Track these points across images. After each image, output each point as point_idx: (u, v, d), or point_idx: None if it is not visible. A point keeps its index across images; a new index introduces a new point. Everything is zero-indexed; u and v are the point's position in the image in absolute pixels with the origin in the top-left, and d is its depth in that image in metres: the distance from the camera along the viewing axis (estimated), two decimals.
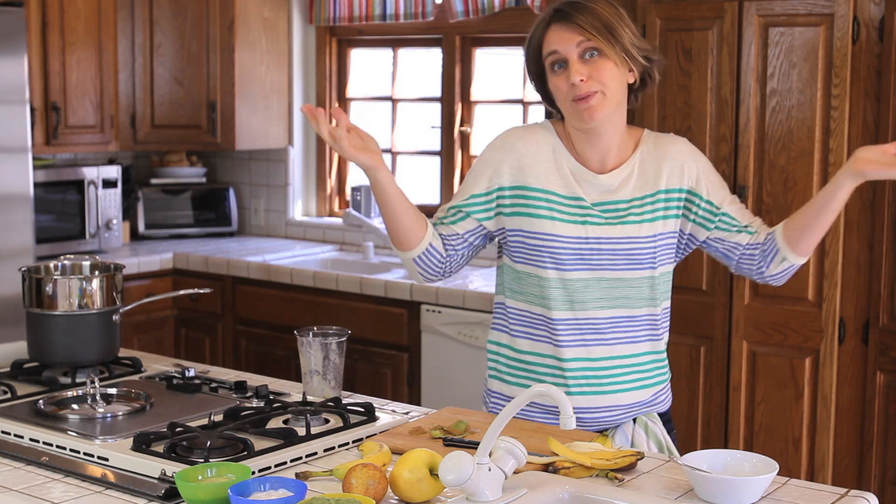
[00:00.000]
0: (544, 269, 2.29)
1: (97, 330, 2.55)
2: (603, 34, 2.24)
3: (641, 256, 2.29)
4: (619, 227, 2.28)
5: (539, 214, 2.30)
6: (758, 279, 2.38)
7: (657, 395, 2.37)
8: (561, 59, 2.27)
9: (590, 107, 2.24)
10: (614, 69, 2.25)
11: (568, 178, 2.32)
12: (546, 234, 2.29)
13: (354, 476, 1.79)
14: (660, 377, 2.37)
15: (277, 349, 4.62)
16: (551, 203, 2.30)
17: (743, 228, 2.34)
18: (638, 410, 2.34)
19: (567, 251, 2.28)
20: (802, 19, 3.41)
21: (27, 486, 1.91)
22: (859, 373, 3.44)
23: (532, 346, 2.34)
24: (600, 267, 2.28)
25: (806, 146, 3.43)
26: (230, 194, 5.46)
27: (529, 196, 2.31)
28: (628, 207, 2.30)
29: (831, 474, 3.47)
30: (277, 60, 5.25)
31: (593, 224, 2.29)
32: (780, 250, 2.31)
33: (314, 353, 2.37)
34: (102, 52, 4.85)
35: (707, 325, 3.60)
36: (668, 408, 2.41)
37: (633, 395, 2.32)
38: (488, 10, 4.64)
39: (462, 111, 4.93)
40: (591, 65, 2.24)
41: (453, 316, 4.09)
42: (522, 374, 2.36)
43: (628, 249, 2.28)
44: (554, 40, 2.29)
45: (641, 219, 2.29)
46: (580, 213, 2.29)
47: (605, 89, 2.24)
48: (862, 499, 1.87)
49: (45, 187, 4.69)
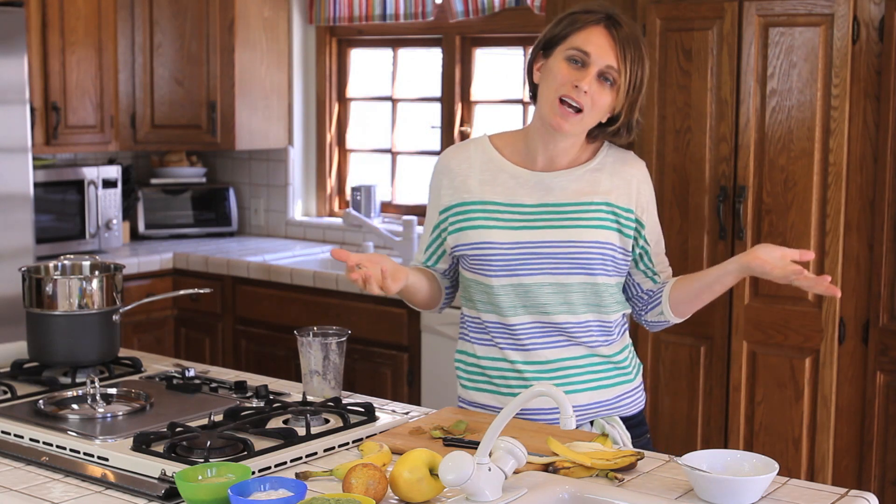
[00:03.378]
0: (487, 277, 2.31)
1: (97, 330, 2.55)
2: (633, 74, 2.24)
3: (582, 261, 2.28)
4: (561, 231, 2.28)
5: (476, 225, 2.32)
6: (635, 318, 2.44)
7: (620, 398, 2.36)
8: (585, 61, 2.23)
9: (568, 115, 2.24)
10: (610, 104, 2.26)
11: (507, 185, 2.33)
12: (484, 243, 2.30)
13: (354, 476, 1.79)
14: (620, 379, 2.37)
15: (277, 349, 4.62)
16: (488, 212, 2.32)
17: (653, 275, 2.38)
18: (596, 413, 2.34)
19: (506, 257, 2.28)
20: (802, 19, 3.41)
21: (27, 486, 1.91)
22: (859, 373, 3.44)
23: (487, 352, 2.36)
24: (541, 271, 2.28)
25: (806, 146, 3.43)
26: (230, 194, 5.46)
27: (468, 210, 2.34)
28: (571, 211, 2.29)
29: (831, 474, 3.47)
30: (277, 60, 5.25)
31: (533, 228, 2.29)
32: (661, 304, 2.37)
33: (314, 353, 2.37)
34: (102, 52, 4.85)
35: (707, 325, 3.60)
36: (636, 412, 2.41)
37: (588, 395, 2.32)
38: (488, 10, 4.64)
39: (462, 111, 4.93)
40: (600, 87, 2.24)
41: (453, 316, 4.09)
42: (481, 380, 2.39)
43: (569, 253, 2.27)
44: (596, 40, 2.23)
45: (584, 224, 2.29)
46: (519, 220, 2.30)
47: (589, 114, 2.25)
48: (862, 499, 1.87)
49: (45, 187, 4.69)
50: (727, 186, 3.55)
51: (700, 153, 3.59)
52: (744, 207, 3.52)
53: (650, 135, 3.67)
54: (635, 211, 2.33)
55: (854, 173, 3.39)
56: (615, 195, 2.31)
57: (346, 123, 5.38)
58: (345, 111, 5.38)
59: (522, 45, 4.80)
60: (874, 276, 3.38)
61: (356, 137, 5.39)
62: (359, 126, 5.39)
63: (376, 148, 5.32)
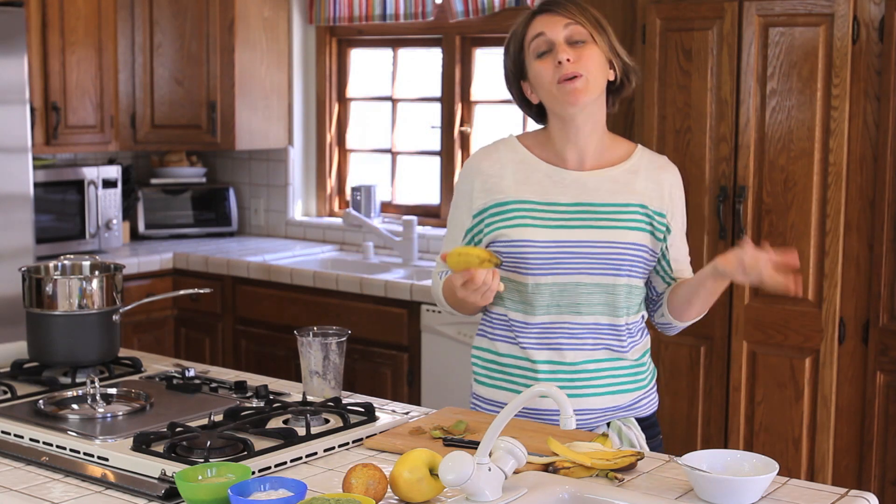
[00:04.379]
0: (523, 275, 2.30)
1: (97, 330, 2.55)
2: (591, 22, 2.28)
3: (617, 262, 2.28)
4: (598, 231, 2.28)
5: (514, 224, 2.31)
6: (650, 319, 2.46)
7: (636, 401, 2.37)
8: (547, 42, 2.27)
9: (575, 88, 2.25)
10: (599, 58, 2.28)
11: (542, 183, 2.33)
12: (520, 241, 2.29)
13: (354, 476, 1.79)
14: (639, 383, 2.37)
15: (277, 349, 4.62)
16: (524, 211, 2.31)
17: (669, 279, 2.38)
18: (613, 415, 2.34)
19: (542, 256, 2.28)
20: (802, 19, 3.41)
21: (27, 486, 1.91)
22: (859, 373, 3.44)
23: (509, 349, 2.36)
24: (578, 271, 2.28)
25: (806, 146, 3.43)
26: (230, 194, 5.46)
27: (504, 210, 2.33)
28: (607, 212, 2.30)
29: (831, 474, 3.47)
30: (277, 60, 5.25)
31: (570, 228, 2.29)
32: (663, 306, 2.39)
33: (314, 353, 2.37)
34: (102, 52, 4.85)
35: (707, 325, 3.60)
36: (650, 413, 2.41)
37: (607, 399, 2.32)
38: (488, 10, 4.64)
39: (462, 111, 4.93)
40: (577, 50, 2.27)
41: (453, 316, 4.09)
42: (500, 377, 2.38)
43: (606, 254, 2.27)
44: (540, 25, 2.30)
45: (620, 225, 2.29)
46: (555, 218, 2.30)
47: (589, 75, 2.26)
48: (862, 499, 1.87)
49: (45, 187, 4.69)
50: (727, 186, 3.55)
51: (700, 153, 3.59)
52: (744, 207, 3.52)
53: (650, 135, 3.67)
54: (667, 216, 2.33)
55: (854, 173, 3.39)
56: (649, 198, 2.32)
57: (346, 123, 5.38)
58: (345, 111, 5.38)
59: None
60: (874, 276, 3.39)
61: (356, 137, 5.39)
62: (359, 126, 5.39)
63: (376, 148, 5.32)
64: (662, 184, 2.34)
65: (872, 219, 3.38)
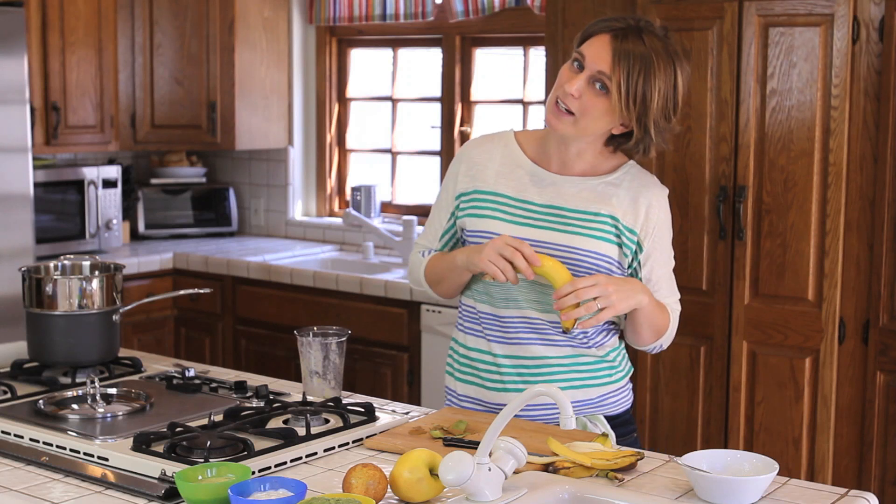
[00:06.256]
0: None
1: (97, 330, 2.55)
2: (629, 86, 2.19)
3: (580, 268, 2.27)
4: (563, 235, 2.29)
5: (483, 214, 2.34)
6: None
7: (604, 398, 2.37)
8: (582, 64, 2.24)
9: (560, 119, 2.25)
10: (606, 112, 2.23)
11: (520, 181, 2.34)
12: (486, 232, 2.32)
13: (354, 476, 1.79)
14: (606, 379, 2.37)
15: (277, 349, 4.62)
16: (497, 204, 2.34)
17: None
18: (579, 410, 2.33)
19: None
20: (802, 19, 3.41)
21: (27, 486, 1.91)
22: (859, 373, 3.44)
23: (476, 343, 2.38)
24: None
25: (806, 146, 3.43)
26: (230, 194, 5.46)
27: (479, 199, 2.36)
28: (576, 218, 2.30)
29: (831, 474, 3.47)
30: (277, 60, 5.25)
31: (537, 227, 2.30)
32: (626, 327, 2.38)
33: (314, 353, 2.37)
34: (102, 52, 4.85)
35: (707, 325, 3.60)
36: (622, 410, 2.40)
37: (571, 394, 2.32)
38: (488, 10, 4.64)
39: (462, 111, 4.93)
40: (591, 94, 2.23)
41: (453, 316, 4.09)
42: (468, 371, 2.40)
43: (568, 258, 2.27)
44: (594, 46, 2.23)
45: (587, 233, 2.29)
46: (524, 216, 2.31)
47: (581, 119, 2.24)
48: (862, 499, 1.87)
49: (45, 187, 4.69)
50: (727, 186, 3.55)
51: (700, 153, 3.59)
52: (744, 207, 3.52)
53: None
54: (639, 234, 2.32)
55: (854, 173, 3.39)
56: (623, 212, 2.31)
57: (346, 123, 5.38)
58: (345, 111, 5.38)
59: (522, 45, 4.80)
60: (874, 276, 3.38)
61: (356, 137, 5.39)
62: (359, 126, 5.39)
63: (376, 148, 5.32)
64: (639, 201, 2.32)
65: (872, 219, 3.38)
